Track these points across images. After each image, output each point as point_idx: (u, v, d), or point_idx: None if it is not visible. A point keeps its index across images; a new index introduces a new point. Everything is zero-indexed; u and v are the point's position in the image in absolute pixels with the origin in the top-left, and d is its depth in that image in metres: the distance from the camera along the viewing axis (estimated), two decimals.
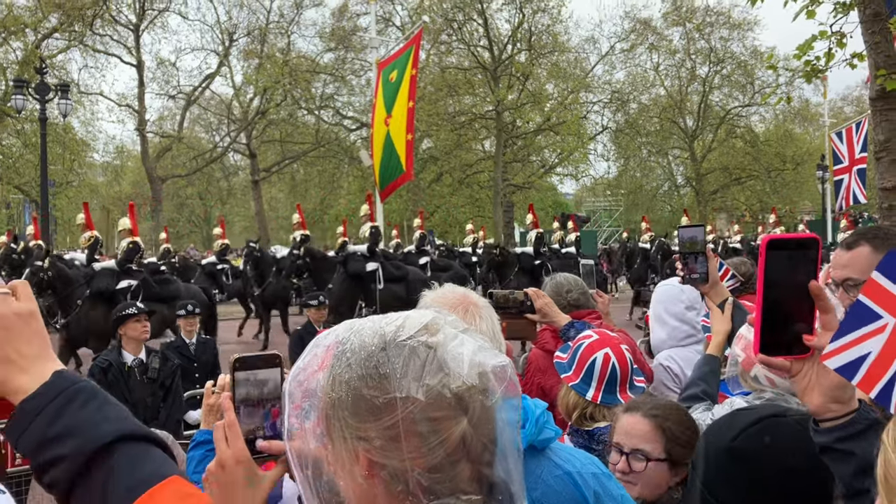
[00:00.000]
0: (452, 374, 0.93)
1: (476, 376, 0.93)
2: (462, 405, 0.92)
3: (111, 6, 30.96)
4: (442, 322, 0.99)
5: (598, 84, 39.77)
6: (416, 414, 0.91)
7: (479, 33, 36.11)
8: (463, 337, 0.98)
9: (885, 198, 6.51)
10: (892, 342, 1.10)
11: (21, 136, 28.81)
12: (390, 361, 0.93)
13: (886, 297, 1.10)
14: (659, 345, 3.50)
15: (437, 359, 0.93)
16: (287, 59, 34.44)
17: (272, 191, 43.57)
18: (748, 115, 42.50)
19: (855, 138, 22.63)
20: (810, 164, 38.97)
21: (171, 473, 0.96)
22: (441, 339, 0.96)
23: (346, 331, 1.00)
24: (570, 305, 3.51)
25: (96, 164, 38.26)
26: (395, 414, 0.91)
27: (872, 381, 1.11)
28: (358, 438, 0.93)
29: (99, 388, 1.03)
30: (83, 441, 0.95)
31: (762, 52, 38.99)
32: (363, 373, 0.93)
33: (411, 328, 0.96)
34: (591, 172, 43.83)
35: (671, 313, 3.51)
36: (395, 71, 16.17)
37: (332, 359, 0.98)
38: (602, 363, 2.49)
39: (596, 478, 1.52)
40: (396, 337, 0.95)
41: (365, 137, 34.82)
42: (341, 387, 0.95)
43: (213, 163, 37.77)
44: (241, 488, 1.22)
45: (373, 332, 0.97)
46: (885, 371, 1.10)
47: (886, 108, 6.40)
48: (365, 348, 0.95)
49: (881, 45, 6.14)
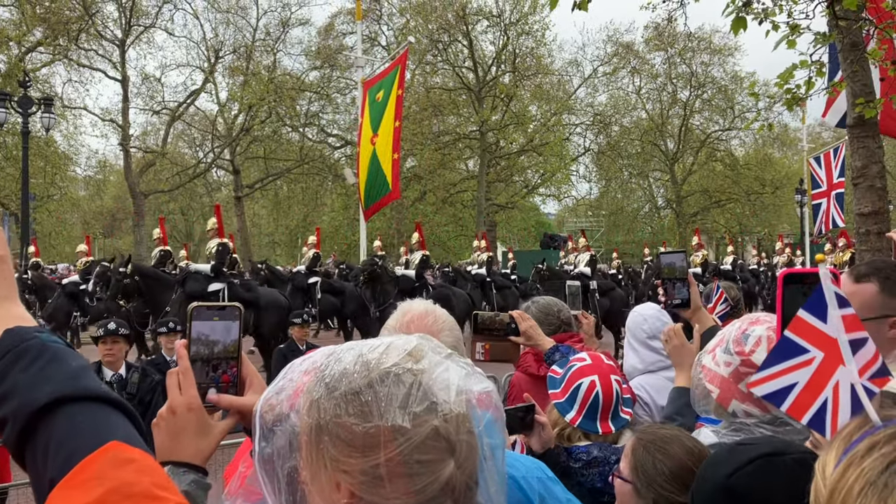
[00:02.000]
0: (440, 401, 0.90)
1: (464, 403, 0.92)
2: (450, 446, 0.90)
3: (97, 21, 30.88)
4: (426, 348, 0.97)
5: (580, 106, 40.21)
6: (404, 455, 0.88)
7: (464, 54, 36.42)
8: (448, 363, 0.96)
9: (862, 223, 6.63)
10: (819, 374, 1.16)
11: (2, 150, 28.55)
12: (373, 389, 0.90)
13: (812, 333, 1.16)
14: (631, 371, 3.51)
15: (423, 386, 0.91)
16: (272, 76, 34.48)
17: (255, 207, 43.40)
18: (728, 138, 43.11)
19: (833, 163, 22.98)
20: (789, 188, 39.49)
21: (110, 438, 0.87)
22: (426, 366, 0.93)
23: (325, 357, 0.99)
24: (565, 324, 3.50)
25: (78, 178, 37.94)
26: (379, 454, 0.88)
27: (802, 409, 1.17)
28: (342, 471, 0.91)
29: (51, 345, 0.95)
30: (20, 403, 0.90)
31: (742, 77, 39.69)
32: (345, 400, 0.91)
33: (395, 355, 0.94)
34: (573, 193, 44.22)
35: (638, 340, 3.55)
36: (382, 91, 16.25)
37: (312, 384, 0.96)
38: (587, 389, 2.50)
39: (541, 482, 1.55)
40: (380, 364, 0.92)
41: (349, 155, 34.86)
42: (322, 413, 0.92)
43: (196, 178, 37.59)
44: (191, 436, 1.19)
45: (355, 359, 0.94)
46: (813, 400, 1.16)
47: (863, 136, 6.54)
48: (346, 375, 0.93)
49: (858, 74, 6.28)
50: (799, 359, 1.17)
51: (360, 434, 0.89)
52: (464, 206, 37.69)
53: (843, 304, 1.14)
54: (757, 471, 1.38)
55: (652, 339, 3.46)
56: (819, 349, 1.16)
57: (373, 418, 0.89)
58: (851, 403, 1.12)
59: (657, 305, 3.62)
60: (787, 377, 1.18)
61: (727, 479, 1.39)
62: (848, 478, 0.79)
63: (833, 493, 0.80)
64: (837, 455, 0.84)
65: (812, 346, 1.16)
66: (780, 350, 1.20)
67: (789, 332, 1.18)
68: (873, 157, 6.56)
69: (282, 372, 1.02)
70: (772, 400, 1.20)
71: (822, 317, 1.15)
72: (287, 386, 0.99)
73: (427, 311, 1.59)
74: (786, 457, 1.40)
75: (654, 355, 3.46)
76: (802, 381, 1.17)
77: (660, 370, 3.47)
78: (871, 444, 0.81)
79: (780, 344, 1.20)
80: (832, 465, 0.83)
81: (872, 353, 1.15)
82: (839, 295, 1.13)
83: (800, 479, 1.35)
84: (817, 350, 1.16)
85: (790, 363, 1.18)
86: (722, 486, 1.39)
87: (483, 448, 0.95)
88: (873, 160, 6.55)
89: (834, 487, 0.80)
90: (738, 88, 39.90)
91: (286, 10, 35.77)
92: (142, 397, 5.16)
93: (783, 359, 1.19)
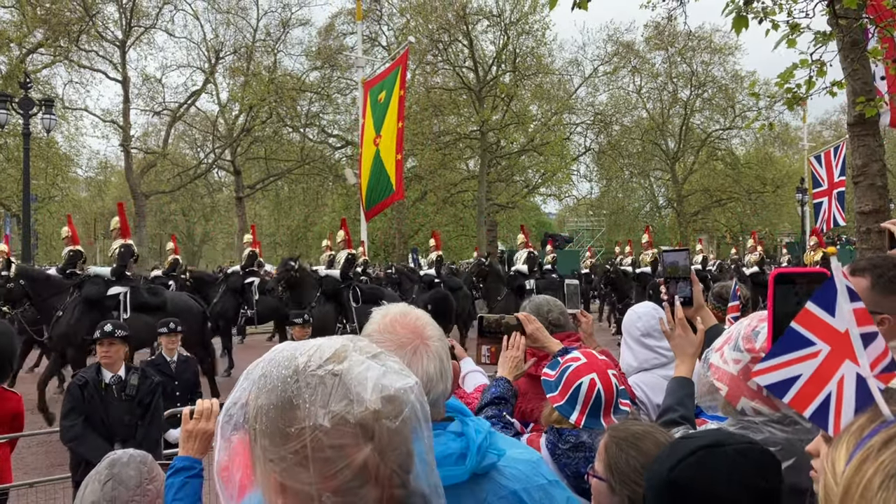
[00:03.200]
0: (356, 399, 0.97)
1: (379, 400, 0.97)
2: (366, 432, 0.96)
3: (97, 22, 30.87)
4: (351, 348, 1.03)
5: (581, 106, 40.14)
6: (320, 440, 0.95)
7: (465, 54, 36.38)
8: (370, 363, 1.01)
9: (863, 221, 6.62)
10: (824, 367, 1.15)
11: (3, 151, 28.55)
12: (300, 392, 0.97)
13: (820, 326, 1.15)
14: (626, 369, 3.52)
15: (343, 385, 0.97)
16: (273, 76, 34.46)
17: (256, 208, 43.42)
18: (729, 137, 43.06)
19: (833, 162, 22.99)
20: (790, 187, 39.48)
21: None
22: (346, 367, 1.00)
23: (269, 362, 1.04)
24: (553, 325, 3.52)
25: (79, 179, 37.96)
26: (302, 439, 0.95)
27: (805, 402, 1.17)
28: (269, 461, 0.98)
29: None
30: None
31: (743, 76, 39.67)
32: (277, 403, 0.98)
33: (321, 357, 1.01)
34: (574, 193, 44.17)
35: (633, 338, 3.55)
36: (384, 91, 16.26)
37: (256, 391, 1.02)
38: (588, 388, 2.50)
39: (542, 489, 1.54)
40: (307, 367, 0.99)
41: (350, 156, 34.84)
42: (260, 418, 0.99)
43: (197, 179, 37.58)
44: None
45: (287, 363, 1.01)
46: (817, 393, 1.15)
47: (864, 134, 6.53)
48: (281, 379, 0.99)
49: (859, 72, 6.27)
50: (804, 351, 1.17)
51: (289, 433, 0.96)
52: (464, 205, 37.68)
53: (855, 297, 1.13)
54: (697, 462, 1.38)
55: (646, 336, 3.47)
56: (826, 342, 1.15)
57: (300, 419, 0.96)
58: (856, 398, 1.11)
59: (653, 304, 3.62)
60: (791, 368, 1.18)
61: (669, 472, 1.40)
62: (865, 472, 0.78)
63: (849, 489, 0.79)
64: (849, 450, 0.82)
65: (819, 338, 1.16)
66: (786, 341, 1.19)
67: (796, 323, 1.18)
68: (874, 155, 6.55)
69: (239, 380, 1.07)
70: (774, 390, 1.20)
71: (831, 310, 1.14)
72: (241, 396, 1.05)
73: (405, 310, 1.60)
74: (727, 447, 1.40)
75: (649, 353, 3.47)
76: (807, 374, 1.16)
77: (654, 368, 3.48)
78: (888, 437, 0.80)
79: (786, 335, 1.19)
80: (843, 460, 0.82)
81: (882, 348, 1.14)
82: (850, 289, 1.13)
83: (741, 470, 1.36)
84: (824, 343, 1.15)
85: (795, 355, 1.17)
86: (665, 479, 1.40)
87: (410, 440, 1.00)
88: (874, 158, 6.55)
89: (850, 482, 0.79)
90: (739, 87, 39.88)
91: (286, 11, 35.81)
92: (141, 399, 5.13)
93: (789, 350, 1.18)
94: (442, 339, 1.56)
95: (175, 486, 2.24)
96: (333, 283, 13.83)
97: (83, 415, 4.92)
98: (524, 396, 3.41)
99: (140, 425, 5.11)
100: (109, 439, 4.93)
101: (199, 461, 2.33)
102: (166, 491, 2.26)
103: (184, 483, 2.24)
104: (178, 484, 2.24)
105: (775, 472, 1.39)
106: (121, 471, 2.27)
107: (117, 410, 5.04)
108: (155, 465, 2.38)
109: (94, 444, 4.79)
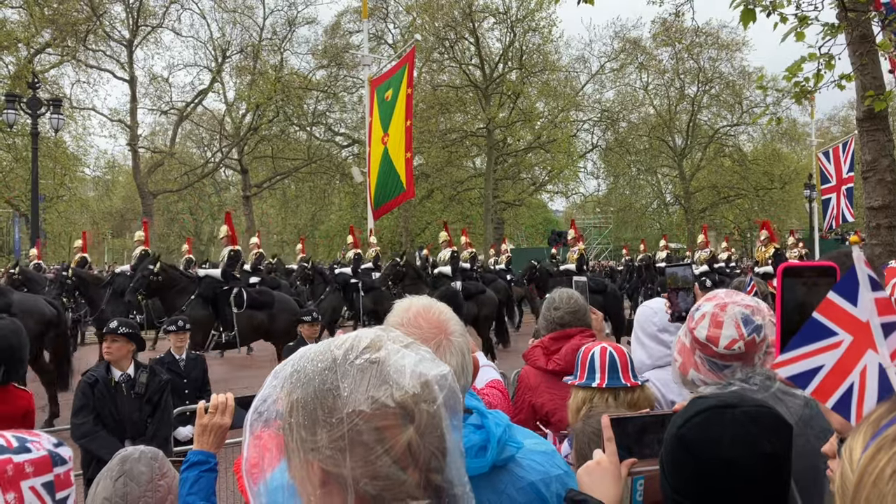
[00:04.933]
0: (395, 384, 0.99)
1: (418, 385, 1.00)
2: (408, 414, 0.98)
3: (104, 22, 30.99)
4: (385, 338, 1.06)
5: (588, 103, 40.09)
6: (361, 426, 0.97)
7: (471, 52, 36.37)
8: (405, 351, 1.04)
9: (873, 217, 6.59)
10: (846, 357, 1.14)
11: (12, 151, 28.69)
12: (340, 382, 0.99)
13: (843, 316, 1.15)
14: (639, 366, 3.48)
15: (381, 372, 1.00)
16: (279, 75, 34.53)
17: (263, 206, 43.52)
18: (736, 134, 42.92)
19: (842, 158, 22.88)
20: (798, 183, 39.32)
21: None
22: (384, 355, 1.02)
23: (300, 359, 1.06)
24: (556, 324, 3.51)
25: (87, 178, 38.08)
26: (342, 427, 0.97)
27: (827, 392, 1.17)
28: (311, 450, 0.99)
29: None
30: None
31: (750, 72, 39.47)
32: (316, 394, 1.00)
33: (358, 348, 1.03)
34: (581, 190, 44.17)
35: (647, 334, 3.51)
36: (391, 90, 16.23)
37: (289, 387, 1.03)
38: (600, 355, 2.71)
39: (559, 479, 1.57)
40: (346, 358, 1.02)
41: (357, 154, 34.87)
42: (298, 411, 1.01)
43: (204, 178, 37.72)
44: None
45: (322, 357, 1.03)
46: (839, 383, 1.15)
47: (873, 129, 6.50)
48: (317, 372, 1.01)
49: (868, 66, 6.24)
50: (827, 341, 1.16)
51: (330, 422, 0.98)
52: (471, 203, 37.68)
53: (876, 286, 1.12)
54: (704, 422, 1.41)
55: (662, 332, 3.43)
56: (848, 332, 1.14)
57: (341, 409, 0.98)
58: (879, 388, 1.11)
59: (663, 299, 3.59)
60: (813, 359, 1.17)
61: (678, 429, 1.43)
62: (878, 461, 0.78)
63: (863, 477, 0.79)
64: (865, 439, 0.82)
65: (841, 328, 1.15)
66: (807, 331, 1.18)
67: (818, 313, 1.17)
68: (883, 150, 6.52)
69: (267, 379, 1.08)
70: (797, 382, 1.19)
71: (853, 300, 1.13)
72: (272, 393, 1.06)
73: (429, 304, 1.62)
74: (736, 410, 1.42)
75: (664, 349, 3.41)
76: (829, 364, 1.16)
77: (669, 365, 3.44)
78: None
79: (808, 325, 1.18)
80: (860, 449, 0.82)
81: None
82: (872, 277, 1.12)
83: (747, 432, 1.38)
84: (846, 333, 1.14)
85: (818, 345, 1.17)
86: (675, 435, 1.44)
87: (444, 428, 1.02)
88: (883, 153, 6.51)
89: (863, 472, 0.79)
90: (746, 84, 39.69)
91: (293, 10, 35.89)
92: (150, 396, 5.14)
93: (811, 340, 1.17)
94: (464, 335, 1.59)
95: (190, 480, 2.26)
96: (212, 284, 12.25)
97: (94, 412, 4.94)
98: (535, 390, 3.41)
99: (149, 423, 5.13)
100: (120, 437, 4.95)
101: (213, 455, 2.35)
102: (181, 485, 2.27)
103: (198, 477, 2.26)
104: (193, 478, 2.26)
105: (783, 438, 1.40)
106: (132, 467, 2.28)
107: (127, 408, 5.06)
108: (166, 462, 2.39)
109: (105, 441, 4.82)
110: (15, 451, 1.24)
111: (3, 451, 1.23)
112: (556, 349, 3.40)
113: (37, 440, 1.30)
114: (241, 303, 12.16)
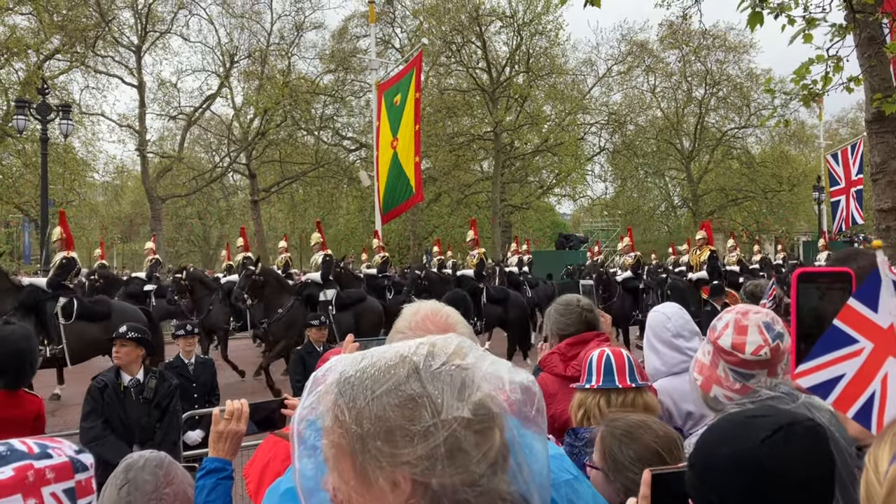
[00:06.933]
0: (493, 389, 0.98)
1: (518, 390, 1.00)
2: (499, 421, 0.98)
3: (113, 28, 31.17)
4: (467, 346, 1.03)
5: (595, 106, 40.02)
6: (460, 431, 0.94)
7: (478, 55, 36.39)
8: (492, 357, 1.03)
9: (882, 219, 6.54)
10: (868, 365, 1.11)
11: (21, 156, 28.85)
12: (426, 389, 0.95)
13: (863, 323, 1.12)
14: (654, 374, 3.34)
15: (474, 378, 0.98)
16: (287, 80, 34.61)
17: (271, 210, 43.62)
18: (744, 136, 42.77)
19: (850, 160, 22.77)
20: (806, 185, 39.15)
21: None
22: (473, 362, 1.00)
23: (354, 364, 1.01)
24: (570, 328, 3.49)
25: (96, 183, 38.25)
26: (437, 435, 0.93)
27: (849, 402, 1.13)
28: (399, 464, 0.94)
29: None
30: None
31: (758, 74, 39.37)
32: (395, 403, 0.95)
33: (443, 355, 0.99)
34: (589, 193, 44.03)
35: (661, 340, 3.39)
36: (399, 94, 16.27)
37: (349, 393, 0.97)
38: (598, 357, 2.75)
39: (568, 484, 1.53)
40: (430, 365, 0.98)
41: (364, 158, 34.91)
42: (370, 420, 0.95)
43: (212, 183, 37.84)
44: None
45: (397, 362, 0.98)
46: (861, 392, 1.12)
47: (882, 131, 6.46)
48: (394, 379, 0.97)
49: (877, 68, 6.21)
50: (848, 349, 1.13)
51: (416, 430, 0.94)
52: (479, 207, 37.65)
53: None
54: (784, 440, 1.20)
55: (677, 337, 3.33)
56: (869, 339, 1.11)
57: (428, 417, 0.94)
58: None
59: (678, 305, 3.55)
60: (834, 368, 1.14)
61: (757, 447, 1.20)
62: None
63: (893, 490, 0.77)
64: (892, 450, 0.80)
65: (861, 336, 1.12)
66: (828, 339, 1.15)
67: (839, 321, 1.14)
68: (893, 152, 6.47)
69: (308, 385, 1.04)
70: (818, 392, 1.16)
71: (874, 306, 1.10)
72: (318, 400, 1.01)
73: (436, 307, 1.61)
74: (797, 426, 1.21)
75: (679, 356, 3.32)
76: (850, 373, 1.12)
77: (684, 372, 3.27)
78: None
79: (828, 333, 1.15)
80: (886, 459, 0.80)
81: None
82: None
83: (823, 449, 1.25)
84: (867, 340, 1.11)
85: (838, 353, 1.14)
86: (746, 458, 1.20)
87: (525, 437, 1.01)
88: (892, 155, 6.46)
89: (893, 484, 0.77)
90: (754, 86, 39.56)
91: (300, 15, 35.99)
92: (159, 401, 5.15)
93: (831, 349, 1.14)
94: (473, 338, 1.56)
95: (207, 487, 2.25)
96: (34, 293, 10.91)
97: (103, 417, 4.96)
98: (553, 398, 3.34)
99: (158, 427, 5.14)
100: (128, 441, 4.96)
101: (230, 462, 2.33)
102: (198, 493, 2.25)
103: (216, 484, 2.25)
104: (211, 485, 2.25)
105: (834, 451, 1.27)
106: (136, 475, 2.24)
107: (136, 413, 5.07)
108: (172, 468, 2.34)
109: (114, 445, 4.83)
110: (36, 457, 1.24)
111: (25, 457, 1.23)
112: (573, 355, 3.34)
113: (58, 446, 1.30)
114: (70, 314, 10.85)
